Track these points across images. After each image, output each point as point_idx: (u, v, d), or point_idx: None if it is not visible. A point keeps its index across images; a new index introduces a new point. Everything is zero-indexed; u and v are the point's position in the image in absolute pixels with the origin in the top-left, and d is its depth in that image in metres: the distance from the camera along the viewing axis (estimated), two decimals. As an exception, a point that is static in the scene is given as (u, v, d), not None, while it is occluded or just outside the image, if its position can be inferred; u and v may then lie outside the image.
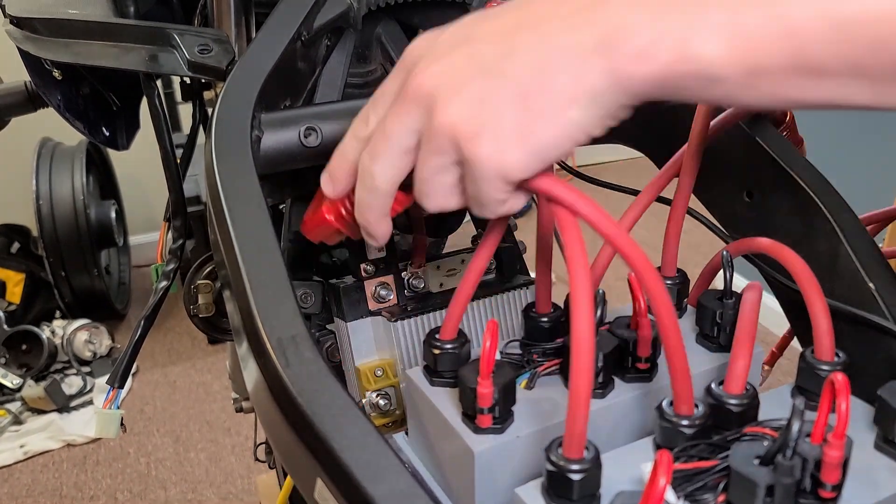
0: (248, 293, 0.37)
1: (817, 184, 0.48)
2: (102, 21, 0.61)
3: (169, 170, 0.70)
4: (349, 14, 0.55)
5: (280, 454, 0.36)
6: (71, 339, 2.31)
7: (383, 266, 0.55)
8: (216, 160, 0.43)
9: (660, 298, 0.34)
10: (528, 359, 0.43)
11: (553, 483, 0.33)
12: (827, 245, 0.46)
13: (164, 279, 0.68)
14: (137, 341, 0.66)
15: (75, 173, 2.39)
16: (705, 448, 0.35)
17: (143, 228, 2.96)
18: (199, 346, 2.47)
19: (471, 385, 0.37)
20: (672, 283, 0.49)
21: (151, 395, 2.23)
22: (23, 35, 0.65)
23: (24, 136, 2.48)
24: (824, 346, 0.39)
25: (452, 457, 0.40)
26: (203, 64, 0.54)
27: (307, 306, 0.55)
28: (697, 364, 0.44)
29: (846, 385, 0.31)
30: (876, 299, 0.43)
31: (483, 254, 0.40)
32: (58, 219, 2.34)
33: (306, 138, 0.47)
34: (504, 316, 0.56)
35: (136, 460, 1.98)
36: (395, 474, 0.30)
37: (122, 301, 2.66)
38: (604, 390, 0.41)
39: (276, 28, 0.51)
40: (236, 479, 1.90)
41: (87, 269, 2.39)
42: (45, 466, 1.97)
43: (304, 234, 0.47)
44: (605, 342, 0.41)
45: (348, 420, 0.32)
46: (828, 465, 0.31)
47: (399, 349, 0.53)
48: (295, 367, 0.34)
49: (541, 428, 0.39)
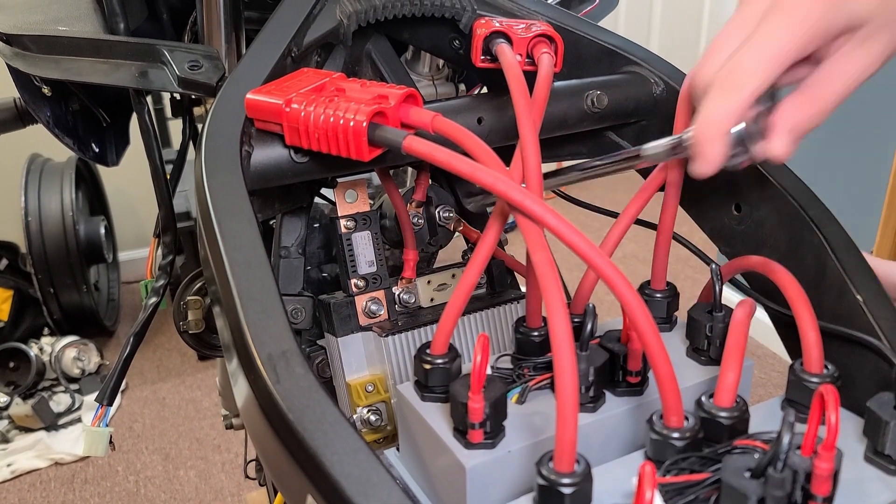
0: (238, 309, 0.36)
1: (803, 196, 0.48)
2: (92, 38, 0.61)
3: (158, 186, 0.70)
4: (339, 30, 0.56)
5: (270, 471, 0.36)
6: (59, 357, 2.29)
7: (374, 281, 0.55)
8: (206, 176, 0.43)
9: (632, 303, 0.34)
10: (518, 373, 0.43)
11: (544, 497, 0.33)
12: (814, 258, 0.47)
13: (154, 295, 0.68)
14: (126, 358, 0.65)
15: (64, 189, 2.38)
16: (696, 461, 0.35)
17: (132, 244, 2.96)
18: (189, 362, 2.46)
19: (462, 400, 0.37)
20: (662, 296, 0.49)
21: (140, 412, 2.22)
22: (12, 52, 0.65)
23: (12, 153, 2.48)
24: (813, 359, 0.39)
25: (444, 472, 0.40)
26: (193, 80, 0.54)
27: (297, 322, 0.55)
28: (688, 377, 0.44)
29: (836, 397, 0.31)
30: (864, 312, 0.43)
31: (474, 268, 0.40)
32: (46, 235, 2.33)
33: (296, 154, 0.47)
34: (495, 330, 0.56)
35: (125, 478, 1.96)
36: (386, 490, 0.30)
37: (111, 318, 2.64)
38: (595, 404, 0.41)
39: (267, 44, 0.52)
40: (226, 496, 1.88)
41: (76, 285, 2.38)
42: (33, 485, 1.95)
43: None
44: (595, 356, 0.41)
45: (339, 436, 0.32)
46: (818, 477, 0.31)
47: (390, 364, 0.53)
48: (285, 383, 0.33)
49: (532, 442, 0.39)
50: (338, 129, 0.43)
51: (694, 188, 0.55)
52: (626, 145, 0.61)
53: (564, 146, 0.62)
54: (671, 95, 0.57)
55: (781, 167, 0.50)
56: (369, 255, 0.56)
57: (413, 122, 0.45)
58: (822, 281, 0.46)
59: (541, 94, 0.48)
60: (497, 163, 0.40)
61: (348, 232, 0.55)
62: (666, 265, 0.49)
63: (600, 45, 0.60)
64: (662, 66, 0.58)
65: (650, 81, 0.58)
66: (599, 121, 0.57)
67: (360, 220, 0.55)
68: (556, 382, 0.33)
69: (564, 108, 0.56)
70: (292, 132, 0.45)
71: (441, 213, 0.60)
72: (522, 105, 0.45)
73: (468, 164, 0.38)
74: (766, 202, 0.50)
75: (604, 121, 0.58)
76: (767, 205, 0.50)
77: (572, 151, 0.63)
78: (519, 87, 0.46)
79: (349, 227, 0.55)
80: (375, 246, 0.56)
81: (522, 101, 0.45)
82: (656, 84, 0.58)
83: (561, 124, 0.56)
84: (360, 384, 0.53)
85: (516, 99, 0.45)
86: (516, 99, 0.45)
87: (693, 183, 0.47)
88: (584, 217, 3.27)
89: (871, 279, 0.44)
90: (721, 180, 0.53)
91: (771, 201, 0.50)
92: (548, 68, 0.50)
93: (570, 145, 0.62)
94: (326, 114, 0.43)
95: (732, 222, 0.53)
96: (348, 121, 0.43)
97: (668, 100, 0.57)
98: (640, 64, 0.58)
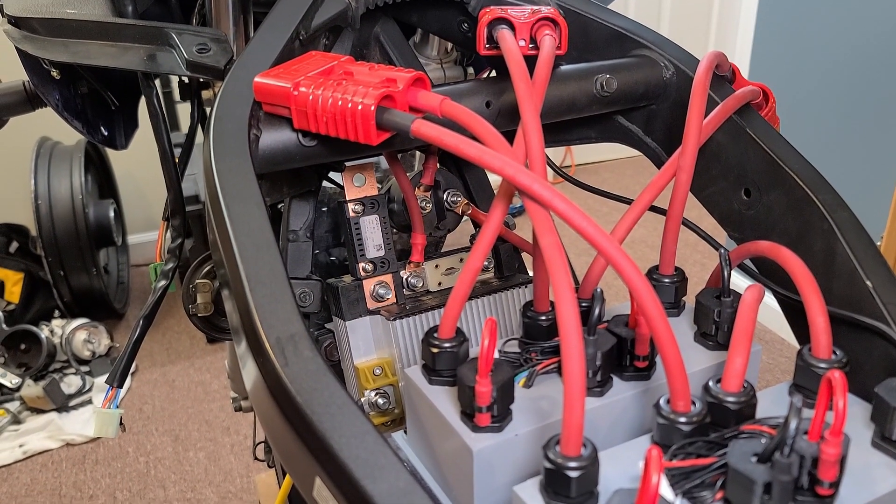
0: (246, 292, 0.37)
1: (813, 181, 0.48)
2: (100, 20, 0.61)
3: (167, 169, 0.70)
4: (347, 13, 0.56)
5: (279, 453, 0.36)
6: (70, 339, 2.31)
7: (382, 265, 0.55)
8: (214, 159, 0.43)
9: (640, 288, 0.34)
10: (526, 357, 0.44)
11: (551, 481, 0.33)
12: (824, 243, 0.46)
13: (163, 278, 0.68)
14: (136, 340, 0.66)
15: (74, 173, 2.39)
16: (703, 445, 0.35)
17: (141, 228, 2.97)
18: (198, 345, 2.47)
19: (469, 384, 0.37)
20: (670, 281, 0.49)
21: (150, 394, 2.23)
22: (21, 35, 0.65)
23: (22, 136, 2.48)
24: (822, 345, 0.39)
25: (451, 455, 0.40)
26: (201, 63, 0.54)
27: (306, 305, 0.55)
28: (695, 362, 0.44)
29: (843, 383, 0.31)
30: (873, 297, 0.43)
31: (479, 251, 0.40)
32: (56, 218, 2.34)
33: (304, 137, 0.47)
34: (502, 314, 0.56)
35: (136, 459, 1.98)
36: (393, 472, 0.30)
37: (120, 300, 2.66)
38: (602, 388, 0.41)
39: (275, 27, 0.51)
40: (235, 477, 1.90)
41: (86, 268, 2.39)
42: (45, 466, 1.97)
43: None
44: (602, 340, 0.41)
45: (347, 419, 0.32)
46: (825, 462, 0.31)
47: (398, 348, 0.53)
48: (293, 366, 0.34)
49: (539, 426, 0.39)
50: (346, 113, 0.43)
51: (703, 173, 0.55)
52: (635, 129, 0.61)
53: (573, 130, 0.62)
54: (681, 79, 0.57)
55: (791, 152, 0.50)
56: (377, 239, 0.56)
57: (421, 106, 0.44)
58: (832, 266, 0.46)
59: (541, 76, 0.47)
60: (505, 146, 0.40)
61: (356, 216, 0.55)
62: (674, 250, 0.49)
63: (610, 28, 0.59)
64: (672, 50, 0.58)
65: (660, 65, 0.57)
66: (608, 105, 0.57)
67: (369, 204, 0.56)
68: (564, 366, 0.33)
69: (573, 92, 0.56)
70: (300, 116, 0.45)
71: (449, 197, 0.60)
72: (523, 89, 0.45)
73: (476, 148, 0.38)
74: (776, 187, 0.50)
75: (613, 104, 0.57)
76: (777, 190, 0.50)
77: (581, 135, 0.62)
78: (519, 72, 0.46)
79: (357, 210, 0.55)
80: (383, 230, 0.56)
81: (523, 86, 0.45)
82: (666, 68, 0.57)
83: (570, 108, 0.56)
84: (368, 367, 0.53)
85: (517, 83, 0.45)
86: (517, 83, 0.45)
87: (703, 168, 0.46)
88: (591, 201, 3.24)
89: (880, 265, 0.44)
90: (731, 165, 0.53)
91: (780, 186, 0.50)
92: (549, 50, 0.49)
93: (578, 129, 0.62)
94: (335, 97, 0.43)
95: (742, 207, 0.53)
96: (356, 104, 0.43)
97: (678, 84, 0.57)
98: (649, 47, 0.58)
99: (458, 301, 0.41)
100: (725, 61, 0.55)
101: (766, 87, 0.56)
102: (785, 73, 2.21)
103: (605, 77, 0.56)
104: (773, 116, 0.58)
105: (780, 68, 2.23)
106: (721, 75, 0.55)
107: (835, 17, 2.02)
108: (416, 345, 0.53)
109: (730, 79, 0.57)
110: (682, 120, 0.48)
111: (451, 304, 0.41)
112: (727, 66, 0.56)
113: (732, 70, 0.57)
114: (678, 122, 0.57)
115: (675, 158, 0.48)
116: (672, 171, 0.48)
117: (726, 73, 0.56)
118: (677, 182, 0.48)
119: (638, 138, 0.61)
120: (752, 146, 0.51)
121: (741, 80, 0.57)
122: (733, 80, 0.57)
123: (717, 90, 0.54)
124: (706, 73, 0.50)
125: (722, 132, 0.53)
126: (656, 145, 0.60)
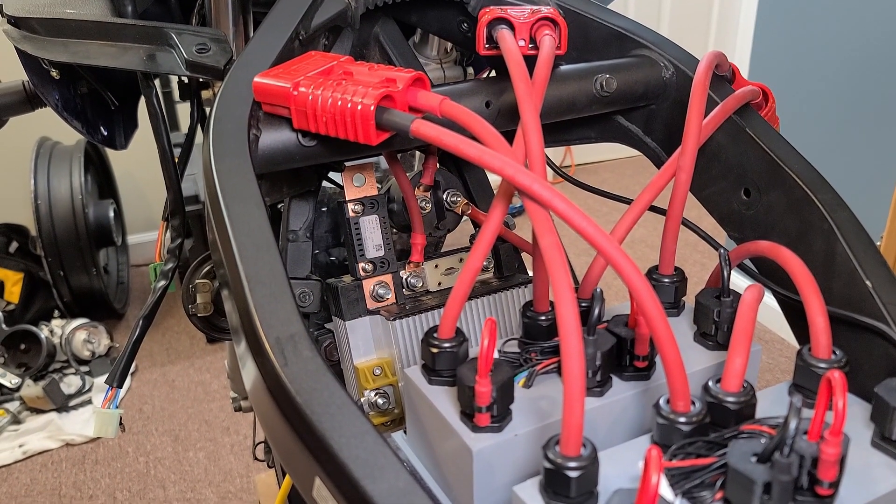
0: (246, 292, 0.37)
1: (813, 181, 0.48)
2: (100, 20, 0.61)
3: (167, 169, 0.70)
4: (347, 13, 0.56)
5: (279, 453, 0.36)
6: (69, 339, 2.31)
7: (382, 265, 0.55)
8: (214, 159, 0.43)
9: (640, 288, 0.34)
10: (526, 357, 0.44)
11: (551, 481, 0.33)
12: (823, 243, 0.46)
13: (163, 278, 0.68)
14: (136, 340, 0.66)
15: (73, 173, 2.39)
16: (703, 445, 0.35)
17: (141, 228, 2.97)
18: (198, 345, 2.47)
19: (469, 384, 0.37)
20: (670, 281, 0.49)
21: (150, 394, 2.23)
22: (20, 35, 0.65)
23: (22, 136, 2.48)
24: (821, 345, 0.39)
25: (451, 455, 0.40)
26: (201, 63, 0.54)
27: (305, 305, 0.55)
28: (695, 362, 0.44)
29: (843, 383, 0.31)
30: (873, 297, 0.43)
31: (479, 250, 0.40)
32: (56, 218, 2.34)
33: (304, 138, 0.47)
34: (502, 314, 0.56)
35: (135, 459, 1.98)
36: (393, 472, 0.30)
37: (120, 300, 2.66)
38: (602, 388, 0.41)
39: (274, 27, 0.51)
40: (235, 477, 1.90)
41: (86, 268, 2.39)
42: (44, 466, 1.97)
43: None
44: (602, 340, 0.41)
45: (347, 418, 0.32)
46: (825, 462, 0.31)
47: (397, 348, 0.53)
48: (293, 366, 0.34)
49: (539, 426, 0.39)
50: (345, 113, 0.43)
51: (703, 173, 0.55)
52: (634, 129, 0.61)
53: (573, 130, 0.62)
54: (681, 79, 0.57)
55: (791, 152, 0.50)
56: (377, 239, 0.56)
57: (421, 106, 0.44)
58: (831, 266, 0.46)
59: (541, 76, 0.48)
60: (505, 146, 0.40)
61: (356, 216, 0.55)
62: (674, 250, 0.49)
63: (610, 28, 0.59)
64: (672, 50, 0.58)
65: (660, 65, 0.57)
66: (608, 105, 0.57)
67: (368, 204, 0.56)
68: (563, 366, 0.33)
69: (573, 92, 0.56)
70: (300, 116, 0.45)
71: (449, 197, 0.60)
72: (523, 89, 0.45)
73: (476, 148, 0.38)
74: (776, 187, 0.50)
75: (613, 104, 0.57)
76: (777, 190, 0.50)
77: (581, 135, 0.62)
78: (519, 72, 0.46)
79: (357, 210, 0.55)
80: (383, 230, 0.56)
81: (523, 86, 0.45)
82: (665, 68, 0.57)
83: (569, 108, 0.56)
84: (368, 367, 0.53)
85: (516, 83, 0.45)
86: (516, 83, 0.45)
87: (702, 168, 0.46)
88: (591, 201, 3.24)
89: (880, 265, 0.44)
90: (730, 165, 0.53)
91: (780, 186, 0.50)
92: (549, 50, 0.49)
93: (578, 129, 0.62)
94: (334, 97, 0.43)
95: (741, 207, 0.53)
96: (356, 104, 0.43)
97: (677, 84, 0.57)
98: (649, 47, 0.58)
99: (458, 301, 0.41)
100: (725, 61, 0.55)
101: (765, 87, 0.56)
102: (785, 73, 2.21)
103: (604, 77, 0.56)
104: (772, 116, 0.58)
105: (779, 68, 2.23)
106: (721, 75, 0.55)
107: (835, 17, 2.03)
108: (415, 345, 0.53)
109: (729, 79, 0.57)
110: (682, 120, 0.48)
111: (451, 304, 0.41)
112: (727, 66, 0.56)
113: (732, 70, 0.57)
114: (678, 122, 0.57)
115: (675, 158, 0.48)
116: (672, 170, 0.48)
117: (726, 73, 0.56)
118: (677, 182, 0.48)
119: (638, 138, 0.61)
120: (751, 146, 0.51)
121: (741, 80, 0.57)
122: (733, 80, 0.57)
123: (716, 90, 0.54)
124: (706, 73, 0.50)
125: (722, 132, 0.53)
126: (656, 145, 0.60)
